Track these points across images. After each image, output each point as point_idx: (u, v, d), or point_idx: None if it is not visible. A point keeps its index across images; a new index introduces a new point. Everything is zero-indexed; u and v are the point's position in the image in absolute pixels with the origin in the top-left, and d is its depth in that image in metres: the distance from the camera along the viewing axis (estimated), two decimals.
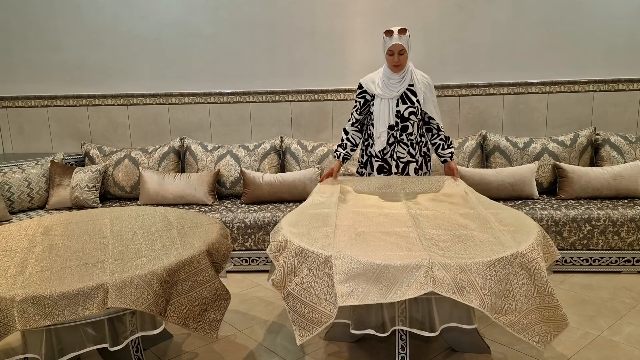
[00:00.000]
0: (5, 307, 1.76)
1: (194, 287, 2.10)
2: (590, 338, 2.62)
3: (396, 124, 2.93)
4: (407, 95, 2.92)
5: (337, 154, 3.09)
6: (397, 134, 2.96)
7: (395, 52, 2.82)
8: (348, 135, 3.06)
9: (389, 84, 2.91)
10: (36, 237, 2.37)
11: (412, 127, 2.96)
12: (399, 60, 2.84)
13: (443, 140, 3.05)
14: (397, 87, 2.90)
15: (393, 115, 2.91)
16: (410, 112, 2.92)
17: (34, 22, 4.34)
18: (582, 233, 3.38)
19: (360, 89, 3.00)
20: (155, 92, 4.36)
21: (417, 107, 2.92)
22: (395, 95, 2.89)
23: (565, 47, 4.01)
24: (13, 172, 3.82)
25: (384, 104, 2.90)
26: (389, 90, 2.90)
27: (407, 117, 2.92)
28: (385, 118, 2.90)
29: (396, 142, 2.98)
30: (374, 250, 2.01)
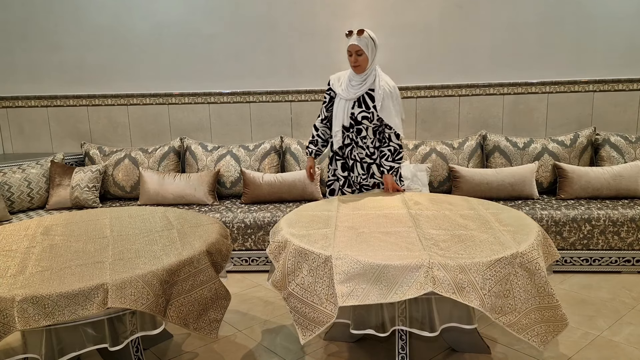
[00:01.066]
0: (5, 307, 1.76)
1: (194, 287, 2.10)
2: (590, 338, 2.62)
3: (351, 125, 2.93)
4: (364, 99, 2.89)
5: (309, 151, 3.13)
6: (353, 136, 2.96)
7: (352, 53, 2.82)
8: (318, 131, 3.10)
9: (350, 85, 2.91)
10: (36, 237, 2.37)
11: (365, 131, 2.93)
12: (356, 61, 2.83)
13: (391, 151, 2.93)
14: (356, 90, 2.88)
15: (347, 117, 2.90)
16: (363, 117, 2.88)
17: (34, 22, 4.34)
18: (582, 233, 3.38)
19: (328, 85, 3.02)
20: (155, 92, 4.36)
21: (371, 112, 2.88)
22: (352, 97, 2.88)
23: (565, 47, 4.01)
24: (13, 172, 3.82)
25: (342, 104, 2.91)
26: (348, 91, 2.90)
27: (360, 121, 2.90)
28: (340, 118, 2.92)
29: (353, 143, 2.97)
30: (374, 251, 2.01)
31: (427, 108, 4.20)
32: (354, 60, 2.83)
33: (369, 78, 2.88)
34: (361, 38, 2.81)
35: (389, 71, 4.14)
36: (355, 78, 2.89)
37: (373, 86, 2.89)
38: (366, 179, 3.03)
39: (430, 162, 3.90)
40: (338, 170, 3.06)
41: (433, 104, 4.19)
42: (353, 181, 3.06)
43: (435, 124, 4.22)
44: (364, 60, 2.84)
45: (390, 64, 4.16)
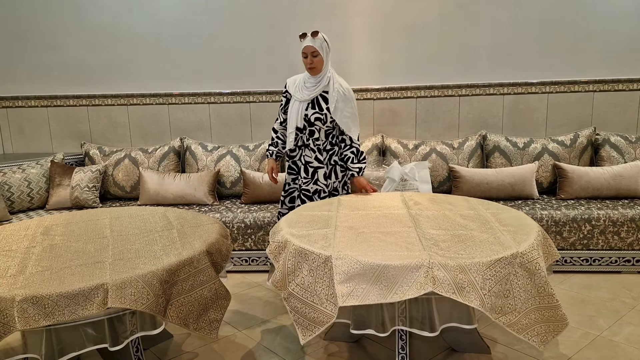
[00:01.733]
0: (5, 307, 1.76)
1: (194, 287, 2.10)
2: (590, 338, 2.62)
3: (303, 127, 2.93)
4: (318, 101, 2.90)
5: (270, 152, 3.11)
6: (305, 138, 2.95)
7: (308, 54, 2.82)
8: (277, 133, 3.10)
9: (304, 87, 2.92)
10: (36, 237, 2.37)
11: (318, 132, 2.93)
12: (312, 63, 2.83)
13: (354, 153, 2.95)
14: (310, 92, 2.89)
15: (301, 118, 2.91)
16: (316, 118, 2.89)
17: (34, 22, 4.34)
18: (582, 233, 3.38)
19: (285, 87, 3.04)
20: (155, 92, 4.36)
21: (324, 114, 2.88)
22: (306, 98, 2.89)
23: (565, 47, 4.01)
24: (13, 172, 3.82)
25: (296, 105, 2.93)
26: (302, 93, 2.91)
27: (313, 122, 2.90)
28: (294, 120, 2.93)
29: (304, 146, 2.97)
30: (374, 251, 2.01)
31: (427, 108, 4.20)
32: (309, 62, 2.84)
33: (323, 80, 2.89)
34: (316, 39, 2.81)
35: (390, 71, 4.18)
36: (309, 80, 2.91)
37: (327, 88, 2.90)
38: (308, 184, 2.99)
39: (430, 162, 3.90)
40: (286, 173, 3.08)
41: (433, 104, 4.19)
42: (298, 184, 3.02)
43: (435, 124, 4.22)
44: (319, 62, 2.84)
45: (390, 64, 4.17)
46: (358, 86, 4.21)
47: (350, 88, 2.97)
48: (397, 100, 4.21)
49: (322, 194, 3.00)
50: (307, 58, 2.84)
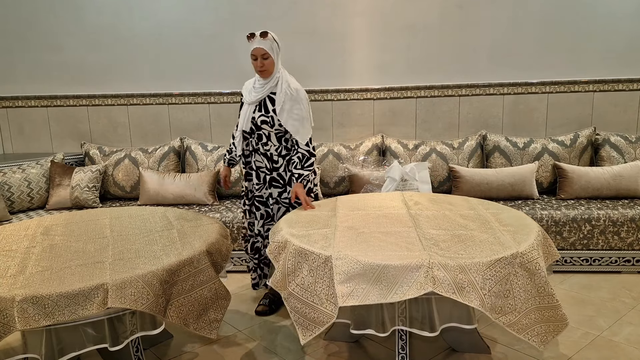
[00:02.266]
0: (5, 307, 1.76)
1: (194, 287, 2.10)
2: (590, 338, 2.62)
3: (251, 130, 2.82)
4: (265, 103, 2.77)
5: (225, 159, 3.04)
6: (254, 142, 2.84)
7: (258, 57, 2.69)
8: (234, 139, 2.96)
9: (254, 89, 2.82)
10: (36, 237, 2.37)
11: (266, 137, 2.79)
12: (263, 65, 2.70)
13: (299, 158, 2.77)
14: (258, 94, 2.78)
15: (248, 121, 2.79)
16: (262, 121, 2.76)
17: (34, 22, 4.34)
18: (582, 233, 3.38)
19: (242, 90, 2.93)
20: (155, 92, 4.36)
21: (271, 116, 2.74)
22: (253, 101, 2.78)
23: (565, 47, 4.01)
24: (13, 172, 3.82)
25: (244, 109, 2.84)
26: (250, 95, 2.81)
27: (260, 126, 2.78)
28: (241, 123, 2.83)
29: (253, 150, 2.87)
30: (374, 251, 2.01)
31: (427, 108, 4.20)
32: (259, 64, 2.70)
33: (271, 82, 2.76)
34: (265, 40, 2.68)
35: (390, 71, 4.18)
36: (259, 82, 2.80)
37: (275, 89, 2.77)
38: (260, 189, 2.90)
39: (430, 162, 3.90)
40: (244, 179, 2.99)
41: (433, 104, 4.19)
42: (251, 190, 2.94)
43: (435, 124, 4.22)
44: (270, 64, 2.71)
45: (390, 64, 4.17)
46: (358, 86, 4.21)
47: (302, 88, 2.80)
48: (397, 100, 4.21)
49: (270, 200, 2.90)
50: (256, 60, 2.70)
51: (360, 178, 3.81)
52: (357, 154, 4.02)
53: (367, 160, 3.98)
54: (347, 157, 4.01)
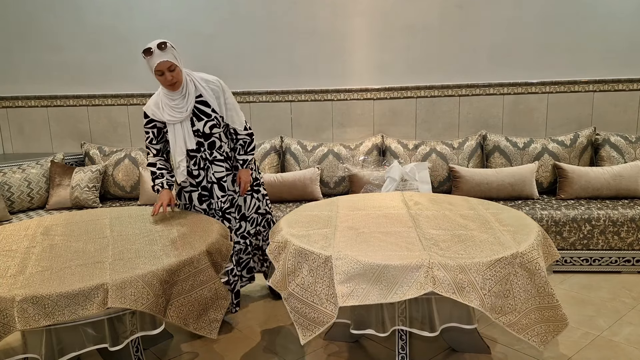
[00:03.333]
0: (5, 307, 1.76)
1: (194, 287, 2.10)
2: (590, 338, 2.62)
3: (200, 144, 2.64)
4: (199, 109, 2.61)
5: (160, 185, 2.66)
6: (208, 154, 2.67)
7: (164, 71, 2.46)
8: (157, 165, 2.70)
9: (174, 105, 2.56)
10: (36, 237, 2.37)
11: (219, 140, 2.68)
12: (172, 78, 2.48)
13: (242, 145, 2.75)
14: (184, 106, 2.56)
15: (191, 138, 2.59)
16: (212, 126, 2.62)
17: (34, 22, 4.34)
18: (582, 233, 3.38)
19: (146, 118, 2.63)
20: (155, 91, 4.35)
21: (215, 117, 2.63)
22: (185, 115, 2.56)
23: (565, 47, 4.01)
24: (13, 172, 3.82)
25: (177, 129, 2.57)
26: (177, 113, 2.55)
27: (211, 133, 2.63)
28: (181, 145, 2.59)
29: (209, 163, 2.69)
30: (374, 251, 2.01)
31: (427, 108, 4.20)
32: (169, 78, 2.47)
33: (188, 89, 2.57)
34: (166, 52, 2.44)
35: (390, 71, 4.18)
36: (174, 96, 2.55)
37: (197, 92, 2.61)
38: (225, 201, 2.76)
39: (430, 162, 3.90)
40: (195, 204, 2.75)
41: (433, 104, 4.19)
42: (215, 209, 2.76)
43: (435, 124, 4.22)
44: (178, 74, 2.50)
45: (390, 64, 4.17)
46: (358, 86, 4.21)
47: (216, 77, 2.69)
48: (397, 100, 4.21)
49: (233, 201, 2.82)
50: (163, 76, 2.47)
51: (360, 178, 3.81)
52: (357, 154, 4.02)
53: (367, 160, 3.98)
54: (347, 157, 4.01)
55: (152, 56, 2.44)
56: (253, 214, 2.95)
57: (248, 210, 2.93)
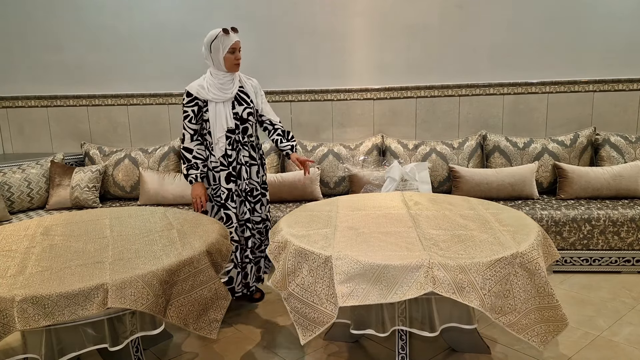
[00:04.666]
0: (5, 307, 1.76)
1: (194, 287, 2.10)
2: (590, 338, 2.62)
3: (236, 126, 2.85)
4: (241, 97, 2.87)
5: (194, 177, 2.83)
6: (240, 137, 2.87)
7: (236, 49, 2.80)
8: (192, 153, 2.84)
9: (222, 87, 2.82)
10: (36, 237, 2.37)
11: (251, 128, 2.92)
12: (239, 58, 2.83)
13: (280, 134, 2.97)
14: (230, 89, 2.83)
15: (231, 118, 2.82)
16: (249, 113, 2.87)
17: (34, 22, 4.34)
18: (582, 233, 3.38)
19: (189, 97, 2.82)
20: (155, 92, 4.36)
21: (253, 107, 2.90)
22: (229, 97, 2.82)
23: (565, 47, 4.01)
24: (13, 172, 3.82)
25: (219, 108, 2.80)
26: (223, 93, 2.81)
27: (246, 119, 2.87)
28: (222, 123, 2.80)
29: (240, 145, 2.88)
30: (374, 251, 2.01)
31: (427, 108, 4.20)
32: (238, 57, 2.82)
33: (235, 75, 2.88)
34: (238, 35, 2.82)
35: (390, 71, 4.18)
36: (225, 78, 2.83)
37: (240, 83, 2.91)
38: (250, 183, 2.95)
39: (430, 162, 3.90)
40: (222, 184, 2.87)
41: (433, 104, 4.19)
42: (241, 189, 2.91)
43: (435, 124, 4.22)
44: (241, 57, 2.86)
45: (390, 64, 4.17)
46: (358, 86, 4.21)
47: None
48: (397, 100, 4.21)
49: (254, 192, 2.97)
50: (233, 54, 2.79)
51: (360, 178, 3.81)
52: (357, 154, 4.02)
53: (367, 161, 3.98)
54: (347, 157, 4.01)
55: (230, 35, 2.77)
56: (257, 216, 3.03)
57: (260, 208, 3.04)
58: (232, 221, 2.89)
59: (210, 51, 2.81)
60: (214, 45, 2.79)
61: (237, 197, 2.90)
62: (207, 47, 2.83)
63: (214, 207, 2.92)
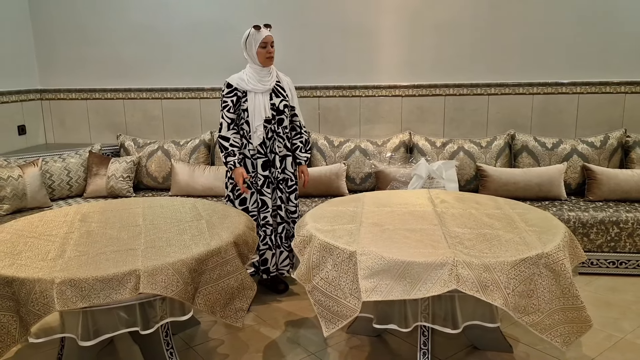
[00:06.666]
0: (46, 288, 1.84)
1: (221, 277, 2.15)
2: (614, 340, 2.60)
3: (273, 117, 2.99)
4: (278, 90, 3.03)
5: (233, 162, 2.94)
6: (275, 127, 3.01)
7: (268, 44, 2.93)
8: (229, 141, 2.96)
9: (260, 78, 2.97)
10: (74, 224, 2.46)
11: (286, 120, 3.05)
12: (272, 52, 2.96)
13: (302, 142, 3.14)
14: (269, 81, 2.99)
15: (269, 109, 2.97)
16: (284, 105, 3.02)
17: (77, 19, 4.47)
18: (609, 235, 3.34)
19: (229, 87, 2.99)
20: (188, 86, 4.46)
21: (288, 100, 3.06)
22: (268, 88, 2.97)
23: (596, 47, 3.94)
24: (54, 162, 3.98)
25: (258, 98, 2.95)
26: (262, 84, 2.97)
27: (282, 110, 3.01)
28: (260, 112, 2.94)
29: (275, 135, 3.01)
30: (399, 247, 2.03)
31: (456, 106, 4.19)
32: (270, 51, 2.95)
33: (273, 70, 3.04)
34: (270, 30, 2.96)
35: (419, 68, 4.17)
36: (262, 71, 2.99)
37: (278, 78, 3.07)
38: (281, 172, 3.08)
39: (458, 160, 3.89)
40: (259, 171, 3.01)
41: (462, 103, 4.18)
42: (274, 177, 3.05)
43: (464, 123, 4.21)
44: (274, 52, 2.99)
45: (419, 61, 4.17)
46: (387, 83, 4.22)
47: None
48: (426, 98, 4.21)
49: (289, 182, 3.10)
50: (265, 48, 2.93)
51: (386, 175, 3.83)
52: (384, 151, 4.04)
53: (394, 157, 3.99)
54: (374, 153, 4.03)
55: (261, 31, 2.92)
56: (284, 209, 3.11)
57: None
58: (268, 206, 3.03)
59: (245, 48, 2.99)
60: (248, 42, 2.97)
61: (271, 184, 3.03)
62: (242, 44, 3.00)
63: (254, 193, 3.04)
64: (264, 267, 3.11)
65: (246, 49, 2.98)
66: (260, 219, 3.05)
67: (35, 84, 4.61)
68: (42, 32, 4.54)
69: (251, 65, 3.01)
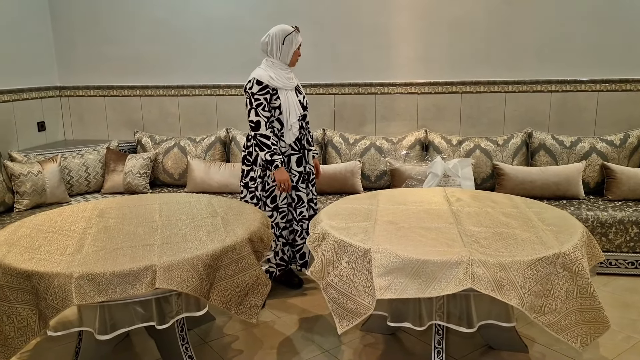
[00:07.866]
0: (64, 282, 1.87)
1: (236, 273, 2.16)
2: (632, 342, 2.56)
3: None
4: (298, 87, 3.07)
5: (280, 162, 2.87)
6: (303, 123, 3.05)
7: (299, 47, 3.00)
8: (270, 139, 2.87)
9: (287, 77, 2.99)
10: (92, 219, 2.50)
11: (308, 115, 3.11)
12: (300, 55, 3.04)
13: (310, 140, 3.14)
14: (292, 79, 3.01)
15: (299, 106, 3.01)
16: (307, 101, 3.09)
17: (96, 16, 4.52)
18: (628, 235, 3.28)
19: (260, 85, 2.88)
20: (204, 83, 4.48)
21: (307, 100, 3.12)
22: (293, 85, 3.01)
23: (616, 44, 3.87)
24: (73, 157, 4.04)
25: (290, 95, 2.96)
26: (289, 82, 2.98)
27: (306, 106, 3.08)
28: (294, 108, 2.96)
29: (303, 131, 3.06)
30: (414, 246, 2.03)
31: (472, 104, 4.15)
32: (301, 54, 3.03)
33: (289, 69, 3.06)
34: None
35: (435, 66, 4.15)
36: (286, 70, 3.00)
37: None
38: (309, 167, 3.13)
39: (474, 158, 3.86)
40: (292, 167, 3.01)
41: (478, 100, 4.14)
42: (305, 172, 3.09)
43: (480, 120, 4.17)
44: None
45: (435, 59, 4.14)
46: (402, 80, 4.20)
47: None
48: (442, 95, 4.18)
49: (311, 176, 3.14)
50: (298, 49, 3.00)
51: (402, 173, 3.82)
52: (399, 148, 4.03)
53: (410, 155, 3.97)
54: (390, 151, 4.02)
55: (299, 34, 2.99)
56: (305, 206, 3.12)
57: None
58: (304, 201, 3.05)
59: (283, 43, 2.93)
60: (289, 39, 2.94)
61: (305, 179, 3.09)
62: (279, 39, 2.92)
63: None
64: (302, 260, 3.16)
65: (283, 45, 2.92)
66: (297, 214, 3.06)
67: (54, 81, 4.68)
68: (61, 30, 4.61)
69: (275, 62, 2.96)
